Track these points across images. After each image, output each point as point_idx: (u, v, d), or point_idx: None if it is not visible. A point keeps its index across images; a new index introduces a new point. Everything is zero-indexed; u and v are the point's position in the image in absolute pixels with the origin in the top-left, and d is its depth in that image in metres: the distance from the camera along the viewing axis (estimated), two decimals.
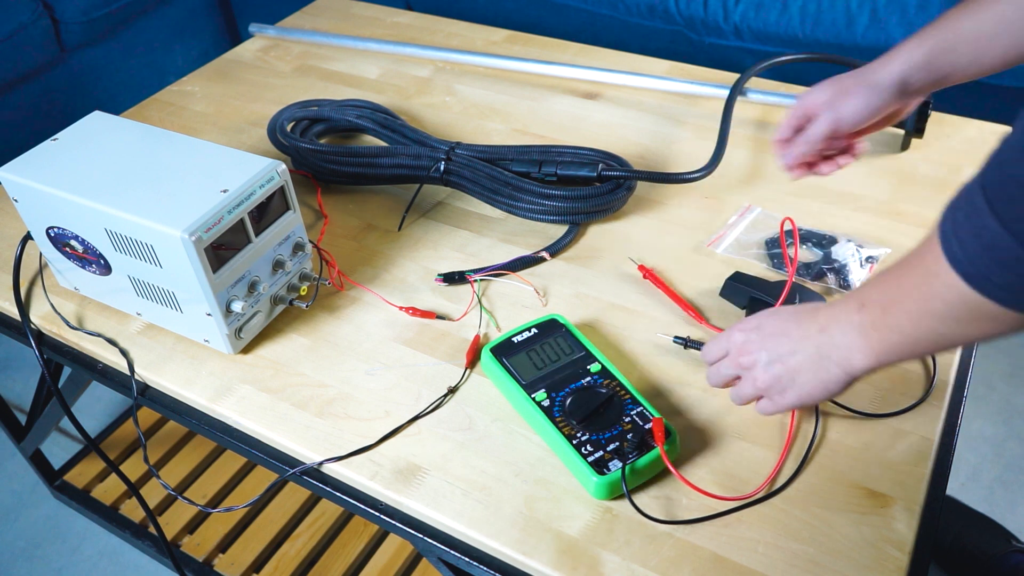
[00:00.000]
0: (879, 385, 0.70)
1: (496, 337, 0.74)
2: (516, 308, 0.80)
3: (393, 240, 0.89)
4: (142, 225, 0.69)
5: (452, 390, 0.72)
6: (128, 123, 0.80)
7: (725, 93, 1.04)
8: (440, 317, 0.79)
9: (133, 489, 0.83)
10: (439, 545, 0.64)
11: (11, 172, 0.75)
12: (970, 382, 0.72)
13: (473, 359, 0.75)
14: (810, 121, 0.77)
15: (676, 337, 0.74)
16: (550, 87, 1.14)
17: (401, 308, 0.80)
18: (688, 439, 0.67)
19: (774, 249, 0.84)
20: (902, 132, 0.98)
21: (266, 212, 0.73)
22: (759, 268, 0.82)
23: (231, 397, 0.73)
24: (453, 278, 0.83)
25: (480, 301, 0.81)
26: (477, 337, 0.76)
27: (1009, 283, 0.45)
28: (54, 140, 0.79)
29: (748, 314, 0.75)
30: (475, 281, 0.83)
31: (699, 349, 0.72)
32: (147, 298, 0.77)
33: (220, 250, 0.69)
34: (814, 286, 0.80)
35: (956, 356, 0.73)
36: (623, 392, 0.67)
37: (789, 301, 0.74)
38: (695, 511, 0.62)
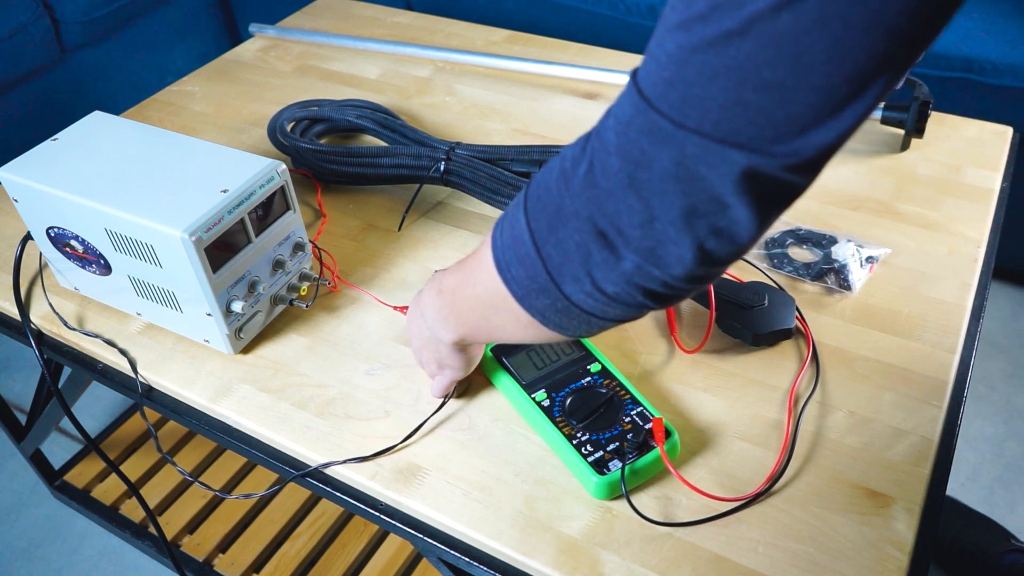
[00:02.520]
0: (880, 384, 0.70)
1: None
2: None
3: (393, 240, 0.89)
4: (142, 225, 0.69)
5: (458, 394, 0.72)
6: (128, 123, 0.80)
7: None
8: None
9: (133, 489, 0.83)
10: (439, 545, 0.64)
11: (11, 172, 0.75)
12: (970, 382, 0.72)
13: None
14: None
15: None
16: (550, 87, 1.14)
17: (396, 308, 0.80)
18: (688, 439, 0.67)
19: (774, 249, 0.84)
20: (902, 132, 0.98)
21: (266, 212, 0.73)
22: (759, 268, 0.82)
23: (231, 397, 0.73)
24: None
25: None
26: None
27: (519, 277, 0.46)
28: (54, 140, 0.79)
29: (718, 319, 0.75)
30: None
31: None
32: (147, 298, 0.77)
33: (220, 250, 0.69)
34: (814, 286, 0.80)
35: (956, 356, 0.73)
36: (623, 392, 0.67)
37: (759, 301, 0.74)
38: (695, 511, 0.62)
